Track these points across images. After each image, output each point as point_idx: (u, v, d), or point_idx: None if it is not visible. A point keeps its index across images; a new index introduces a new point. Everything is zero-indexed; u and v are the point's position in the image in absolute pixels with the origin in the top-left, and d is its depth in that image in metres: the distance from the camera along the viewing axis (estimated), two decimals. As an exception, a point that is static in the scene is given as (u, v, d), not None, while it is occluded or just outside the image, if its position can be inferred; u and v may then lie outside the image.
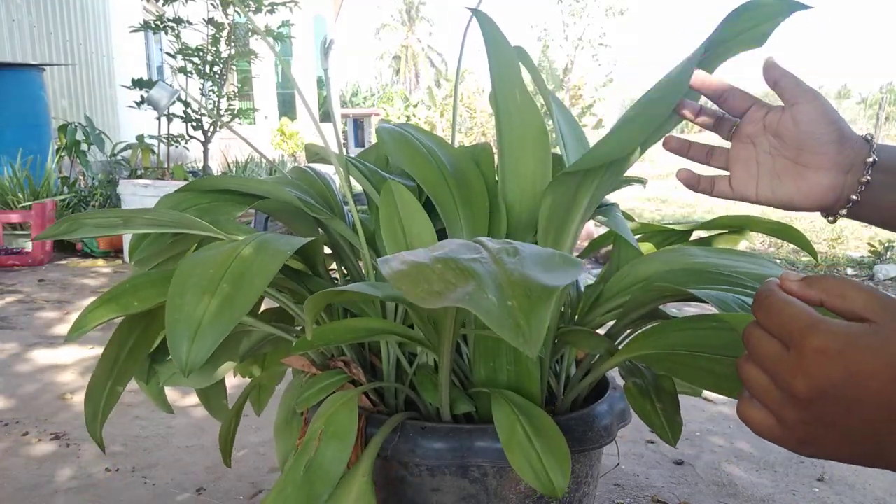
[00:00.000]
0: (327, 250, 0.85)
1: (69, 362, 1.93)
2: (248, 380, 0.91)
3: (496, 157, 0.79)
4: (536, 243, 0.77)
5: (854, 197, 0.55)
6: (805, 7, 0.58)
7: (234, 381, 1.62)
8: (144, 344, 0.73)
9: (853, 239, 4.41)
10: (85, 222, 0.68)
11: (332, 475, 0.59)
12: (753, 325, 0.35)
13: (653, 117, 0.59)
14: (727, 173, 0.62)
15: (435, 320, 0.63)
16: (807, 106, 0.54)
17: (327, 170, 0.92)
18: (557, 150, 0.77)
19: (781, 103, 0.56)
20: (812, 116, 0.54)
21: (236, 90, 5.27)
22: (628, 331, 0.76)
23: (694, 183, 0.63)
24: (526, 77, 0.76)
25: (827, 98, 0.54)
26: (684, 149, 0.64)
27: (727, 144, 0.63)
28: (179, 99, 4.18)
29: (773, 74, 0.56)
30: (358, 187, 0.83)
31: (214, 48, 4.44)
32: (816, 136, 0.54)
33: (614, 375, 0.81)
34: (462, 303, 0.37)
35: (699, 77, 0.58)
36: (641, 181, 0.86)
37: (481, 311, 0.37)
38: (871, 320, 0.31)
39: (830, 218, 0.58)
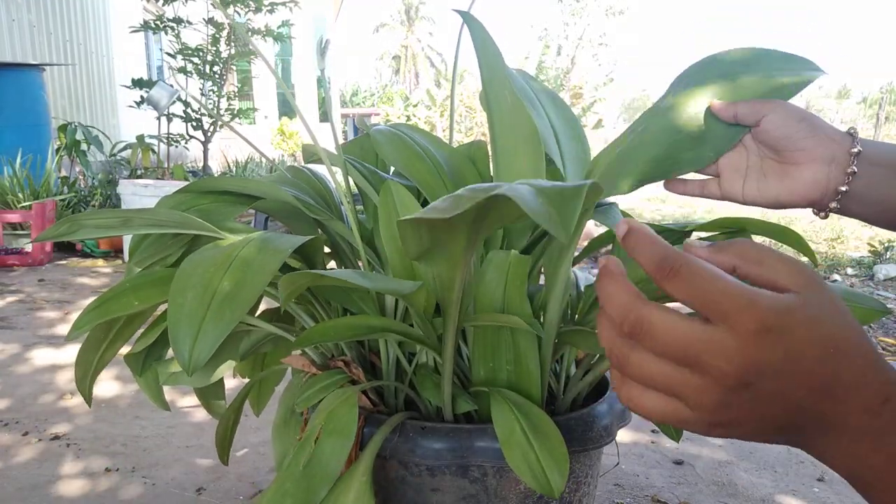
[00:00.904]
0: (327, 249, 0.85)
1: (69, 362, 1.93)
2: (247, 380, 0.91)
3: (490, 156, 0.79)
4: (534, 243, 0.77)
5: (843, 189, 0.56)
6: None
7: (233, 382, 1.62)
8: (137, 317, 0.74)
9: (853, 239, 4.41)
10: (85, 223, 0.68)
11: (331, 471, 0.59)
12: (649, 304, 0.29)
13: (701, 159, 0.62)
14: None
15: (443, 302, 0.63)
16: (770, 115, 0.57)
17: (325, 170, 0.92)
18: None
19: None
20: (778, 122, 0.57)
21: (236, 90, 5.27)
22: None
23: (681, 189, 0.67)
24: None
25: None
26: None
27: None
28: (179, 99, 4.18)
29: (731, 111, 0.59)
30: (355, 187, 0.83)
31: (214, 48, 4.44)
32: (789, 136, 0.57)
33: (614, 375, 0.81)
34: (499, 192, 0.37)
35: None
36: None
37: (518, 196, 0.36)
38: (795, 292, 0.29)
39: (822, 214, 0.59)
